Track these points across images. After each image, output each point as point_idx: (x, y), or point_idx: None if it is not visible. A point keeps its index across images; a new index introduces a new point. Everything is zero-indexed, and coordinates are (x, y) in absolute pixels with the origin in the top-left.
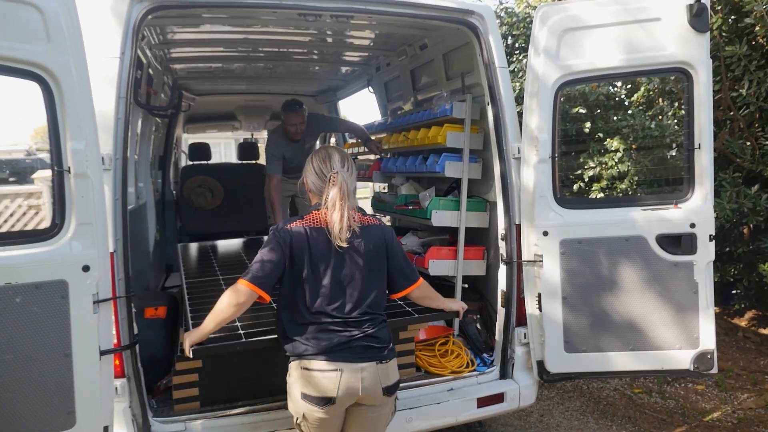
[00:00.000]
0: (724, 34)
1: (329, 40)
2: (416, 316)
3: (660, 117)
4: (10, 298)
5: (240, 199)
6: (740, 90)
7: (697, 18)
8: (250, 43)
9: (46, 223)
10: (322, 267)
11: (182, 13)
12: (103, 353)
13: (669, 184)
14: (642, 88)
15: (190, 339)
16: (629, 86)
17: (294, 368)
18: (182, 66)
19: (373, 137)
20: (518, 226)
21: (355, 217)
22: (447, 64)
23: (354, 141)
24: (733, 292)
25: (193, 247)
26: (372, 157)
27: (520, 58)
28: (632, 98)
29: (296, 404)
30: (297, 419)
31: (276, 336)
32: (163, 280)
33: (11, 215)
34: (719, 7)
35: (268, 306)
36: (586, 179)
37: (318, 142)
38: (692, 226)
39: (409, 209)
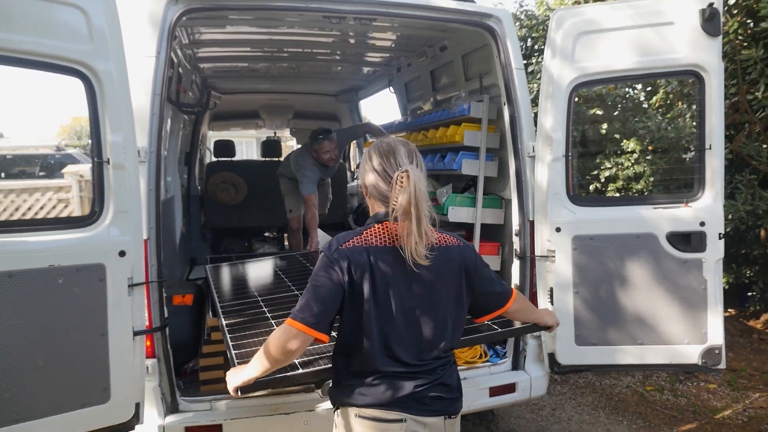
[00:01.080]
0: (740, 37)
1: (352, 41)
2: (499, 330)
3: (679, 119)
4: (53, 279)
5: (262, 195)
6: (756, 93)
7: (710, 22)
8: (275, 44)
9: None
10: (389, 297)
11: (212, 15)
12: (136, 334)
13: (684, 186)
14: (661, 91)
15: (235, 382)
16: (648, 89)
17: (345, 416)
18: (209, 65)
19: (393, 136)
20: (532, 223)
21: (430, 232)
22: (466, 65)
23: (373, 140)
24: (749, 294)
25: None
26: None
27: (539, 59)
28: (651, 100)
29: None
30: None
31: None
32: (188, 271)
33: (41, 208)
34: (736, 12)
35: None
36: (603, 179)
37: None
38: (702, 224)
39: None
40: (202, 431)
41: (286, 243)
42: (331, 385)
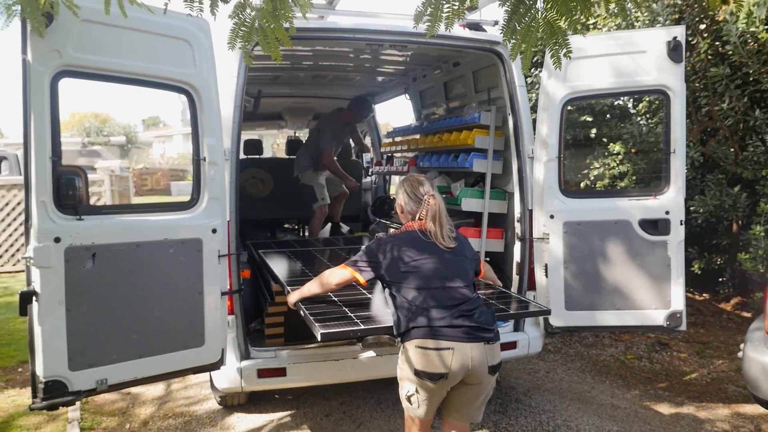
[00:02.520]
0: (710, 57)
1: (377, 57)
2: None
3: (660, 125)
4: (166, 249)
5: (285, 190)
6: (722, 105)
7: (674, 51)
8: (310, 58)
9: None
10: (427, 263)
11: None
12: (222, 294)
13: (656, 182)
14: (645, 100)
15: (292, 299)
16: (636, 96)
17: (409, 348)
18: (252, 74)
19: (408, 138)
20: (530, 211)
21: (451, 227)
22: (476, 79)
23: (389, 141)
24: (720, 279)
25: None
26: (409, 155)
27: (536, 73)
28: (638, 107)
29: (410, 380)
30: (408, 393)
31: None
32: None
33: None
34: (706, 35)
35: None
36: (592, 178)
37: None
38: (667, 213)
39: (443, 197)
40: (271, 373)
41: (304, 234)
42: (395, 332)
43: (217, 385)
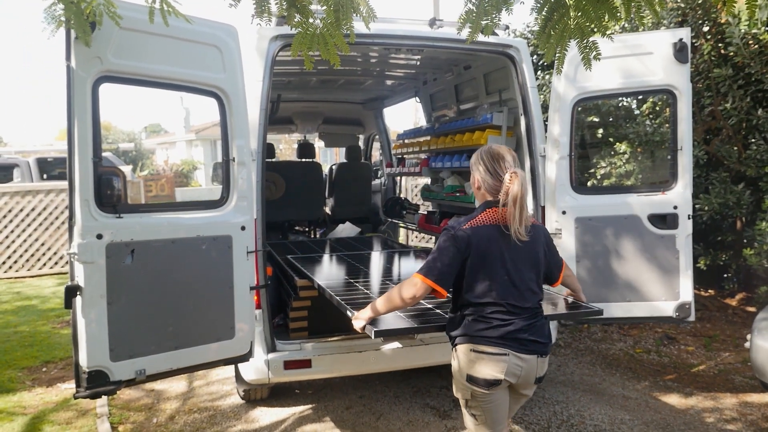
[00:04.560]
0: (713, 58)
1: (389, 61)
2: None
3: (666, 125)
4: (199, 245)
5: (297, 193)
6: (725, 105)
7: (680, 52)
8: (325, 63)
9: None
10: (497, 263)
11: None
12: (251, 289)
13: (662, 179)
14: (650, 100)
15: (363, 318)
16: (640, 98)
17: (462, 351)
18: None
19: (419, 139)
20: (543, 208)
21: (528, 217)
22: (487, 82)
23: (400, 143)
24: (725, 276)
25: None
26: (421, 156)
27: (544, 75)
28: (642, 108)
29: (462, 387)
30: (466, 400)
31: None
32: None
33: None
34: (709, 37)
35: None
36: (599, 177)
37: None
38: (675, 207)
39: (456, 195)
40: (297, 365)
41: (315, 236)
42: (447, 332)
43: (245, 377)
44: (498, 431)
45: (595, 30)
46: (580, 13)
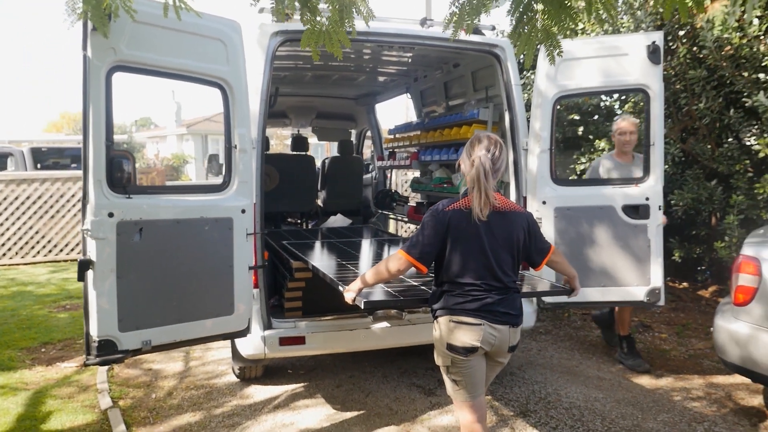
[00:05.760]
0: (688, 61)
1: (381, 58)
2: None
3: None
4: (202, 226)
5: (292, 184)
6: (699, 105)
7: (654, 54)
8: (321, 59)
9: None
10: (475, 244)
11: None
12: (249, 268)
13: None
14: (631, 100)
15: (353, 289)
16: (623, 98)
17: (443, 323)
18: None
19: (410, 134)
20: (525, 198)
21: (495, 198)
22: (474, 79)
23: (392, 137)
24: (699, 268)
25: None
26: (411, 149)
27: (528, 75)
28: (624, 107)
29: (443, 354)
30: (446, 366)
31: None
32: None
33: (72, 196)
34: (685, 40)
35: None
36: (579, 172)
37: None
38: (647, 199)
39: (444, 186)
40: (291, 341)
41: (307, 227)
42: (430, 304)
43: (242, 352)
44: (476, 395)
45: (557, 31)
46: (546, 17)
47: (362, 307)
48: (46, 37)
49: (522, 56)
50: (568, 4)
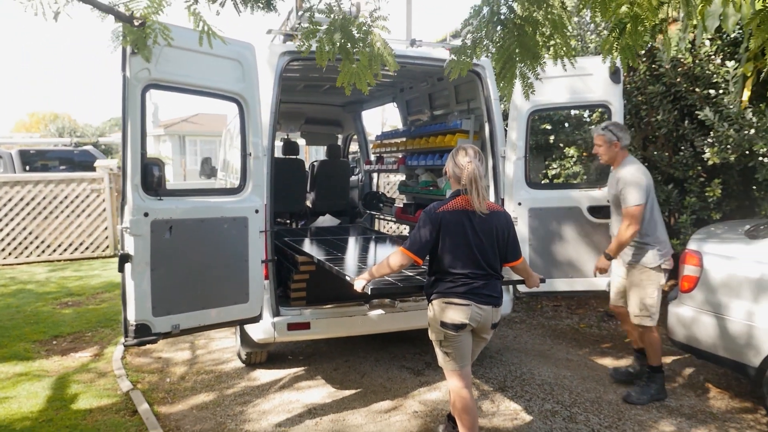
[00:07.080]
0: (648, 77)
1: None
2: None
3: None
4: (221, 224)
5: (281, 187)
6: (657, 117)
7: (614, 75)
8: (312, 70)
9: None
10: (463, 240)
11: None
12: (261, 262)
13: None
14: (597, 111)
15: (361, 279)
16: (587, 112)
17: (436, 304)
18: None
19: (396, 140)
20: (503, 200)
21: (485, 199)
22: (457, 92)
23: (378, 143)
24: None
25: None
26: (398, 155)
27: None
28: (591, 117)
29: (437, 330)
30: (439, 341)
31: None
32: None
33: (77, 197)
34: (645, 58)
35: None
36: (550, 177)
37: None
38: (608, 201)
39: (430, 189)
40: (298, 326)
41: (297, 227)
42: (425, 290)
43: (254, 336)
44: (464, 365)
45: (529, 73)
46: (523, 64)
47: (369, 293)
48: (45, 37)
49: (505, 93)
50: (540, 53)
